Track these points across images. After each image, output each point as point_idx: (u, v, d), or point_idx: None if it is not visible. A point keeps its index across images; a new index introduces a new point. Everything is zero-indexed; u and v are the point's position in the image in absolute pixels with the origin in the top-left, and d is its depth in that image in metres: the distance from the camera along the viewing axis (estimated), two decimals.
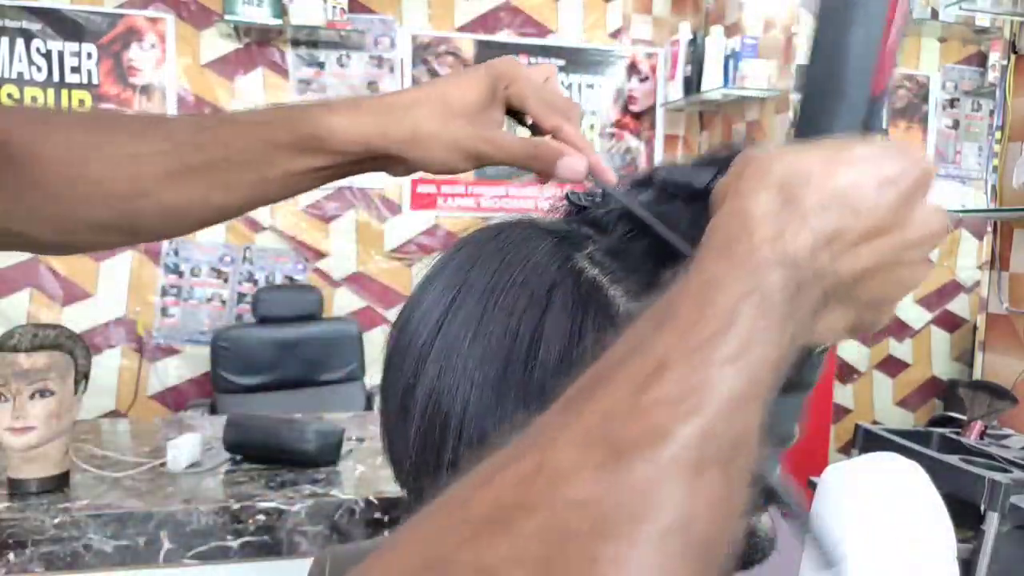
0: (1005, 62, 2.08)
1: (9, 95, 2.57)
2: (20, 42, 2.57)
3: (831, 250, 0.29)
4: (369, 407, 2.65)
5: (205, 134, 0.53)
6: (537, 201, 2.93)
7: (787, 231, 0.29)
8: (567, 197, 0.50)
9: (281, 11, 2.58)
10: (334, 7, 2.62)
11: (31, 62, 2.58)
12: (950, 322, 3.04)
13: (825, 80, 0.34)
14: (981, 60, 2.92)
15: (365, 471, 1.40)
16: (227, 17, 2.53)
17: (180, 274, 2.77)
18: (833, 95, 0.34)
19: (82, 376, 1.27)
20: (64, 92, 2.61)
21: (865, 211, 0.29)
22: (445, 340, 0.44)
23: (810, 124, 0.34)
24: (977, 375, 2.08)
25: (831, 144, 0.31)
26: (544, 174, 0.51)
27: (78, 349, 1.26)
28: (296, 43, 2.77)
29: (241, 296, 2.82)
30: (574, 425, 0.26)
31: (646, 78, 3.09)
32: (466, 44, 2.91)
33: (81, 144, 0.52)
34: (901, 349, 3.03)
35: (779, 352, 0.27)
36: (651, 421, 0.25)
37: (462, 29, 2.90)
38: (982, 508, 1.48)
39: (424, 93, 0.52)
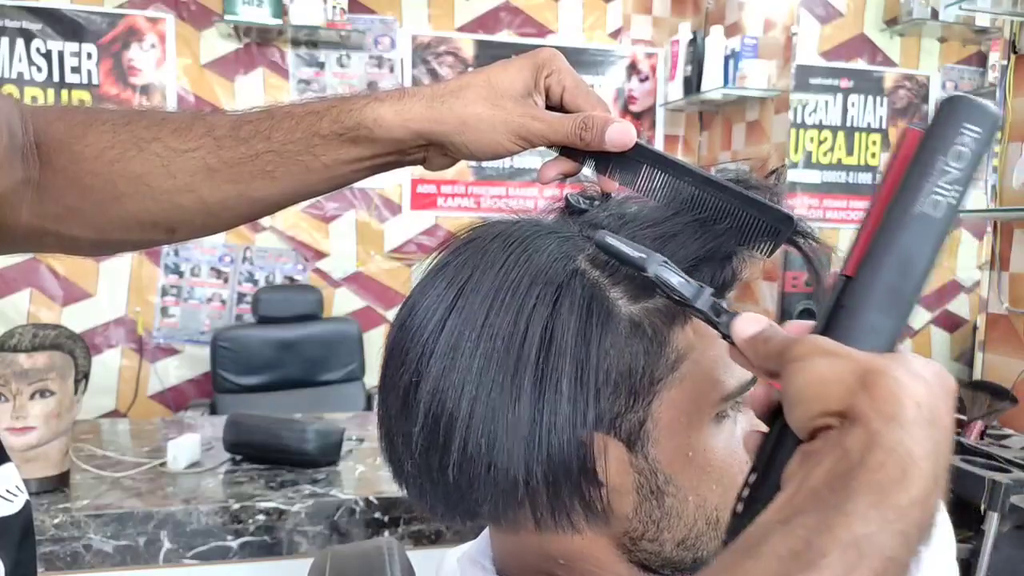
0: (1005, 62, 2.08)
1: (9, 95, 2.57)
2: (20, 42, 2.56)
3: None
4: (369, 407, 2.65)
5: (247, 127, 0.52)
6: (537, 201, 2.93)
7: (940, 480, 0.30)
8: (566, 199, 0.50)
9: (281, 11, 2.58)
10: (334, 7, 2.62)
11: (31, 62, 2.58)
12: (950, 322, 3.04)
13: (898, 283, 0.35)
14: (981, 60, 2.92)
15: (365, 471, 1.40)
16: (227, 17, 2.53)
17: (180, 274, 2.77)
18: (900, 303, 0.35)
19: (82, 376, 1.27)
20: (64, 92, 2.61)
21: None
22: (449, 338, 0.43)
23: (864, 318, 0.35)
24: (977, 375, 2.08)
25: (928, 365, 0.33)
26: (593, 146, 0.50)
27: (78, 349, 1.26)
28: (296, 43, 2.77)
29: (241, 296, 2.82)
30: None
31: (646, 78, 3.10)
32: (466, 44, 2.91)
33: (121, 141, 0.51)
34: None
35: None
36: None
37: (462, 29, 2.90)
38: (982, 508, 1.48)
39: (469, 78, 0.52)
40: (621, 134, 0.49)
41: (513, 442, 0.42)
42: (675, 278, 0.39)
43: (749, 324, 0.37)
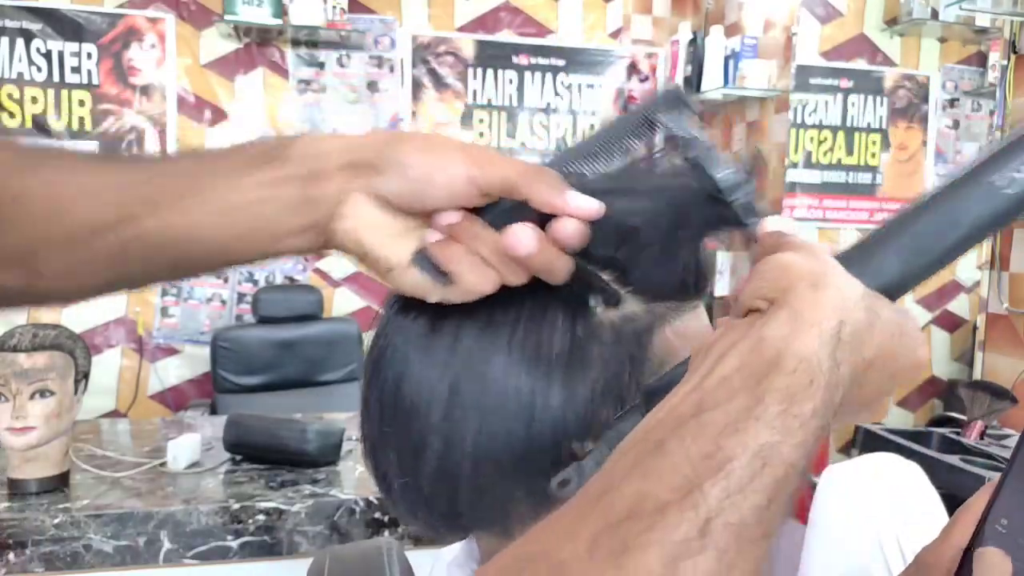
0: (1005, 62, 2.08)
1: (9, 95, 2.57)
2: (20, 42, 2.56)
3: (859, 397, 0.32)
4: None
5: (162, 157, 0.46)
6: None
7: (836, 397, 0.31)
8: None
9: (281, 11, 2.58)
10: (334, 7, 2.62)
11: (31, 62, 2.58)
12: (950, 322, 3.04)
13: (932, 236, 0.34)
14: (981, 60, 2.91)
15: (365, 471, 1.40)
16: (227, 17, 2.53)
17: None
18: (922, 257, 0.34)
19: (82, 376, 1.27)
20: (64, 92, 2.61)
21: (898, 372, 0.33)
22: (454, 388, 0.43)
23: (889, 264, 0.34)
24: (977, 375, 2.09)
25: (895, 312, 0.33)
26: (544, 196, 0.41)
27: (78, 349, 1.26)
28: (296, 43, 2.77)
29: (241, 296, 2.82)
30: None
31: (646, 78, 3.09)
32: (466, 44, 2.91)
33: (19, 162, 0.45)
34: None
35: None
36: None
37: (462, 29, 2.90)
38: None
39: None
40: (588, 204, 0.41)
41: (520, 454, 0.42)
42: (718, 165, 0.38)
43: (774, 222, 0.37)
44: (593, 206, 0.40)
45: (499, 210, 0.41)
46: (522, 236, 0.39)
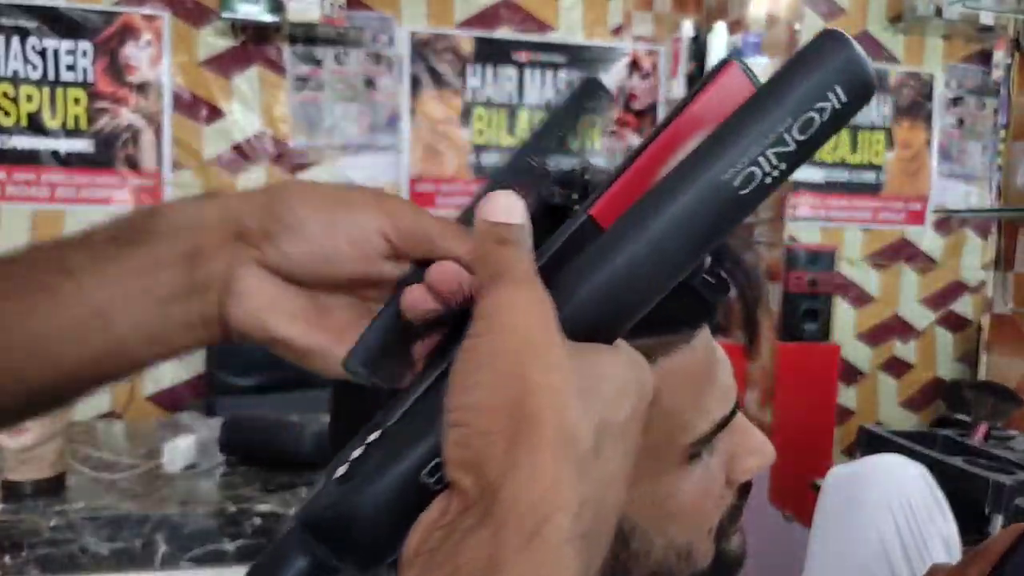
0: (1009, 61, 2.06)
1: (5, 93, 2.55)
2: (16, 40, 2.55)
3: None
4: None
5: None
6: None
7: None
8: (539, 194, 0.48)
9: (278, 8, 2.56)
10: (332, 4, 2.61)
11: (27, 60, 2.56)
12: (954, 323, 3.02)
13: (657, 261, 0.28)
14: (985, 58, 2.90)
15: None
16: (223, 14, 2.52)
17: None
18: (651, 284, 0.28)
19: None
20: (60, 90, 2.59)
21: None
22: None
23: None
24: (981, 376, 2.07)
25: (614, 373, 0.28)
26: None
27: None
28: (293, 40, 2.75)
29: None
30: None
31: (647, 75, 3.08)
32: (465, 41, 2.90)
33: None
34: (905, 350, 3.02)
35: None
36: None
37: (461, 26, 2.89)
38: (986, 510, 1.47)
39: None
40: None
41: None
42: None
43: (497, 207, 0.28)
44: None
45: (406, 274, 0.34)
46: None
